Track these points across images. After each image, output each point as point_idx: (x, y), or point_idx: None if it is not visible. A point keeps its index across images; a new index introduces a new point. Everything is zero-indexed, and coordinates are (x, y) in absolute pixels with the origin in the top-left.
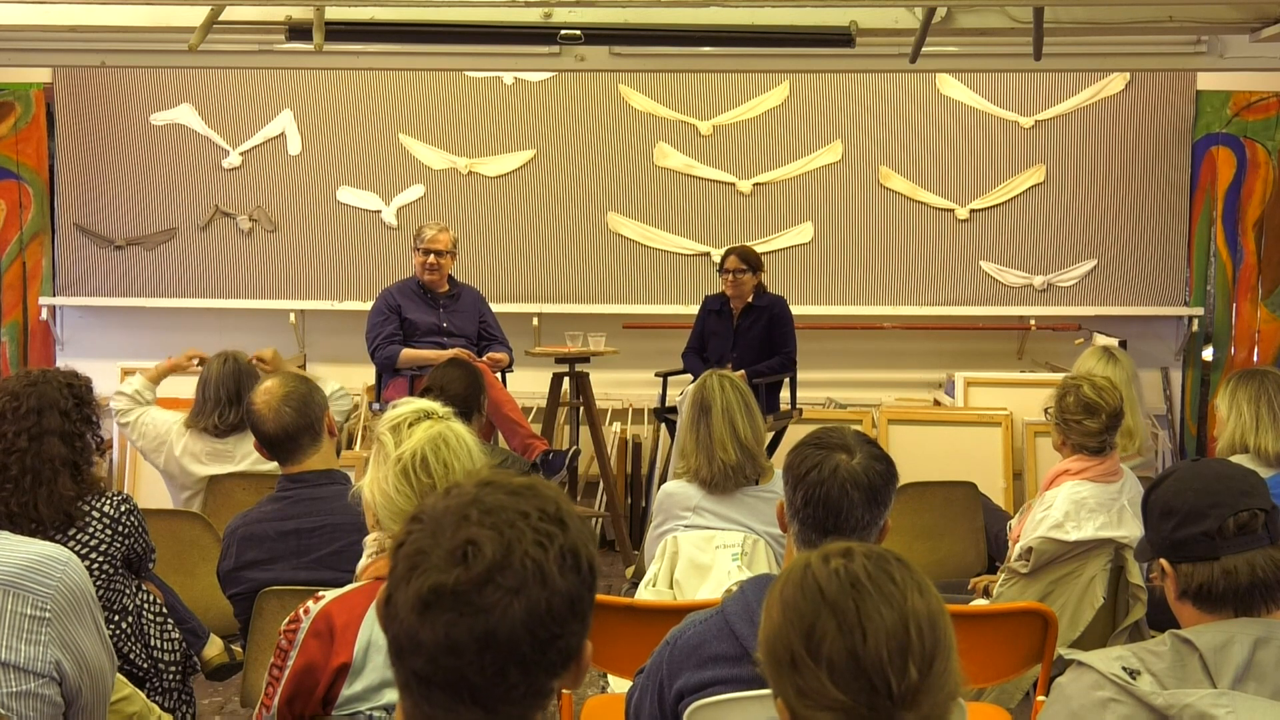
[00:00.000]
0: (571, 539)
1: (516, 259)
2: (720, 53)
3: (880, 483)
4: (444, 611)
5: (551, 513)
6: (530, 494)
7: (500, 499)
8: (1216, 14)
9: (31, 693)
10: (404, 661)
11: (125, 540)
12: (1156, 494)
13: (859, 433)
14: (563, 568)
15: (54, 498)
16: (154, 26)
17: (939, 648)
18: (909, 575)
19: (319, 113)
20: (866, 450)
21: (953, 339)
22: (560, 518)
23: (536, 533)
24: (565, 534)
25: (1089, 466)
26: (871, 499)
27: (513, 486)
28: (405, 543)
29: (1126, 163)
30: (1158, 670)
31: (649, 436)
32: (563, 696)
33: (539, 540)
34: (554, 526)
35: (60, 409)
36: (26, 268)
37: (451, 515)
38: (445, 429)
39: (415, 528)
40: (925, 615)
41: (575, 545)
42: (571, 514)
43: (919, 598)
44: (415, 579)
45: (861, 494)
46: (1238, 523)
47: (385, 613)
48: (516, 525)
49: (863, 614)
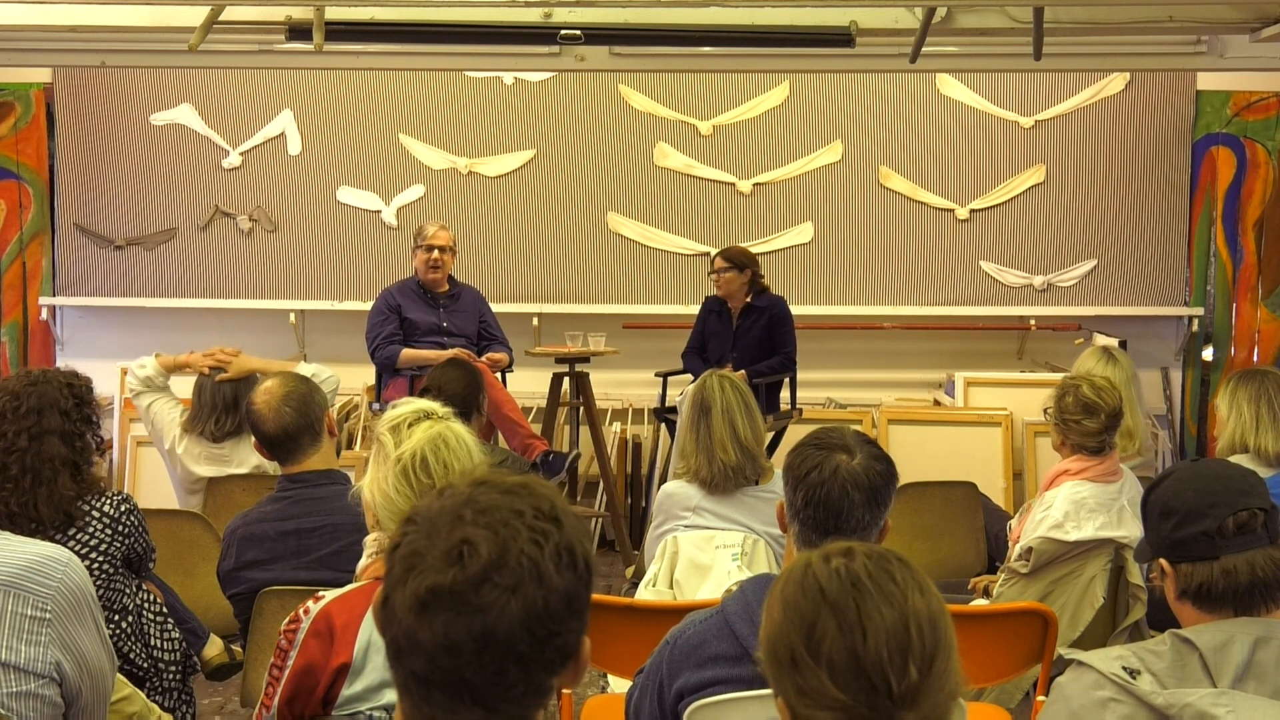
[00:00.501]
0: (567, 536)
1: (516, 259)
2: (720, 53)
3: (880, 483)
4: (441, 611)
5: (546, 510)
6: (525, 492)
7: (494, 498)
8: (1216, 14)
9: (31, 693)
10: (402, 662)
11: (125, 540)
12: (1156, 494)
13: (859, 433)
14: (559, 565)
15: (54, 497)
16: (154, 26)
17: (939, 647)
18: (910, 575)
19: (319, 113)
20: (867, 450)
21: (953, 339)
22: (555, 515)
23: (532, 531)
24: (561, 531)
25: (1089, 466)
26: (872, 499)
27: (507, 485)
28: (400, 544)
29: (1126, 163)
30: (1158, 670)
31: (649, 436)
32: (563, 696)
33: (534, 539)
34: (549, 524)
35: (60, 409)
36: (26, 268)
37: (446, 516)
38: (445, 429)
39: (410, 529)
40: (926, 615)
41: (571, 543)
42: (567, 511)
43: (919, 597)
44: (412, 580)
45: (862, 494)
46: (1237, 522)
47: (382, 615)
48: (511, 524)
49: (863, 613)
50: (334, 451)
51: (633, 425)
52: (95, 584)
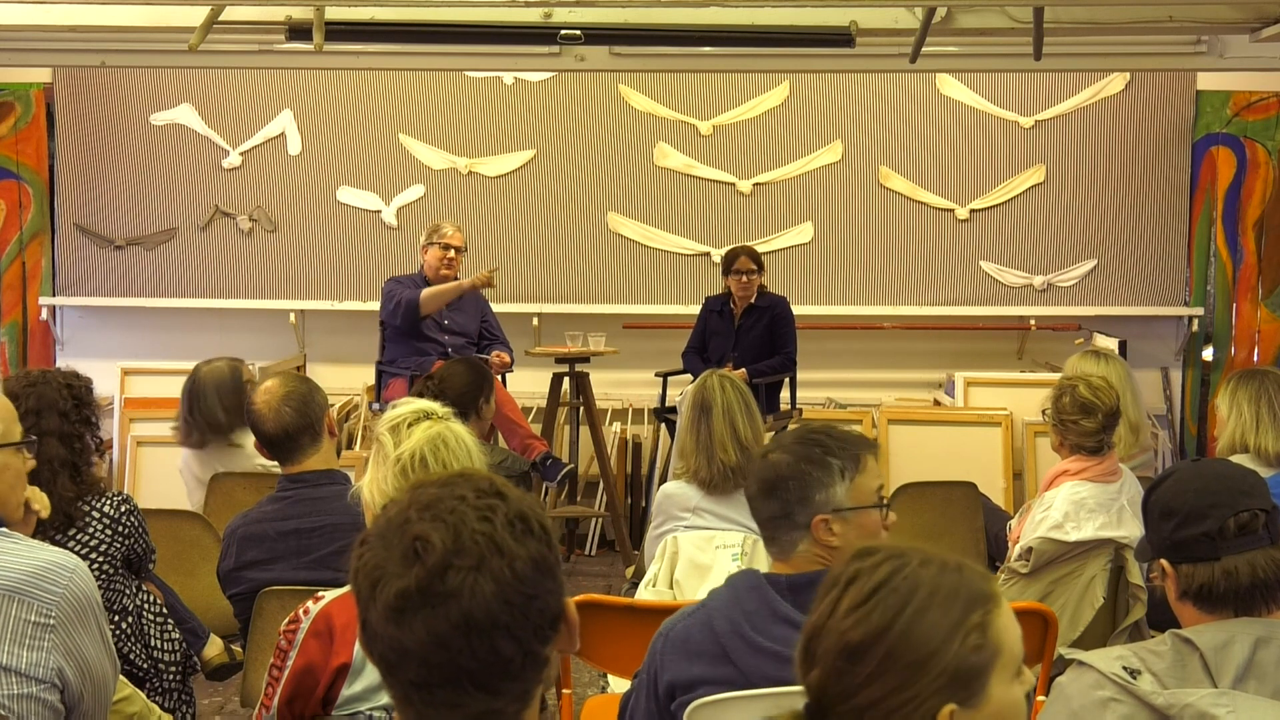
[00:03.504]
0: (515, 506)
1: (516, 259)
2: (720, 53)
3: (772, 475)
4: (417, 612)
5: (487, 488)
6: (462, 479)
7: (434, 492)
8: (1216, 14)
9: (32, 696)
10: (397, 676)
11: (125, 540)
12: (1156, 495)
13: (809, 429)
14: (515, 533)
15: (53, 498)
16: (154, 26)
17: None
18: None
19: (319, 113)
20: (794, 446)
21: (953, 339)
22: (498, 491)
23: (478, 510)
24: (507, 503)
25: (1088, 466)
26: (768, 492)
27: (443, 479)
28: (359, 565)
29: (1126, 163)
30: (1158, 670)
31: (649, 436)
32: (563, 696)
33: (483, 515)
34: (494, 499)
35: (59, 410)
36: (26, 268)
37: (394, 524)
38: (444, 429)
39: (364, 549)
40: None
41: (521, 510)
42: (507, 485)
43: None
44: (380, 592)
45: (757, 486)
46: (1238, 523)
47: (364, 636)
48: (457, 510)
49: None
50: (334, 451)
51: (633, 425)
52: (96, 584)
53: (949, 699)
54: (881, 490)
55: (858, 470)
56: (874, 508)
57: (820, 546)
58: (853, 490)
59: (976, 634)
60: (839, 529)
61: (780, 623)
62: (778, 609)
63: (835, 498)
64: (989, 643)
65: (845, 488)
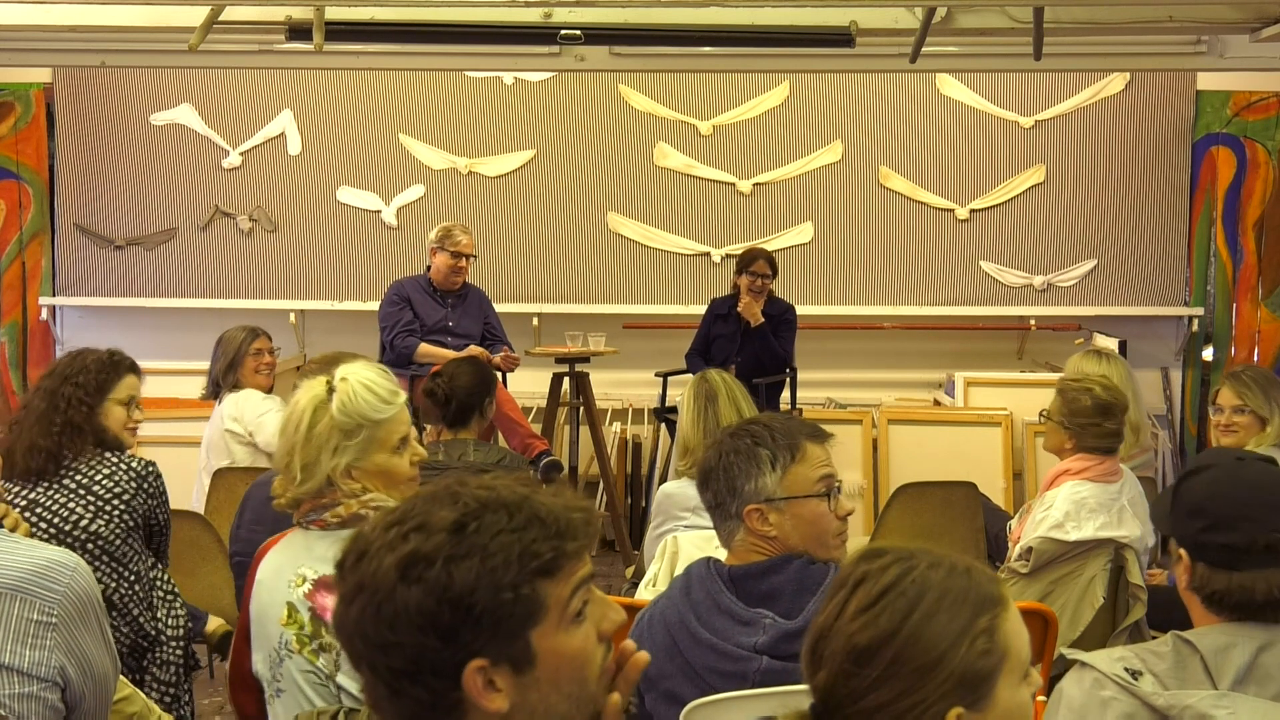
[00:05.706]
0: (438, 547)
1: (516, 259)
2: (720, 53)
3: (704, 466)
4: (358, 614)
5: (437, 522)
6: (436, 502)
7: (411, 504)
8: (1216, 14)
9: (33, 695)
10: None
11: (149, 500)
12: (1190, 485)
13: (750, 420)
14: (403, 574)
15: (32, 448)
16: (154, 26)
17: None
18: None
19: (319, 113)
20: (725, 438)
21: (953, 339)
22: (451, 524)
23: (392, 537)
24: (431, 540)
25: (1089, 466)
26: (702, 483)
27: (438, 491)
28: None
29: (1126, 163)
30: (1159, 671)
31: (649, 436)
32: None
33: (390, 544)
34: (419, 533)
35: (63, 373)
36: (26, 268)
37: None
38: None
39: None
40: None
41: (438, 555)
42: (486, 526)
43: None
44: (349, 632)
45: (697, 479)
46: (1266, 542)
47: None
48: (378, 534)
49: None
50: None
51: (633, 425)
52: (113, 534)
53: (956, 703)
54: (829, 480)
55: (794, 459)
56: (812, 497)
57: (756, 536)
58: (786, 479)
59: (984, 638)
60: (774, 519)
61: (721, 614)
62: (720, 600)
63: (765, 488)
64: (997, 646)
65: (776, 478)
